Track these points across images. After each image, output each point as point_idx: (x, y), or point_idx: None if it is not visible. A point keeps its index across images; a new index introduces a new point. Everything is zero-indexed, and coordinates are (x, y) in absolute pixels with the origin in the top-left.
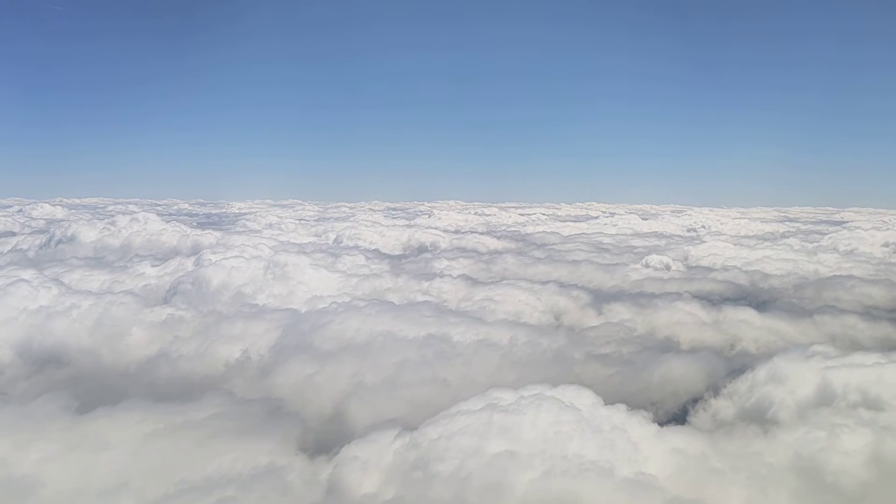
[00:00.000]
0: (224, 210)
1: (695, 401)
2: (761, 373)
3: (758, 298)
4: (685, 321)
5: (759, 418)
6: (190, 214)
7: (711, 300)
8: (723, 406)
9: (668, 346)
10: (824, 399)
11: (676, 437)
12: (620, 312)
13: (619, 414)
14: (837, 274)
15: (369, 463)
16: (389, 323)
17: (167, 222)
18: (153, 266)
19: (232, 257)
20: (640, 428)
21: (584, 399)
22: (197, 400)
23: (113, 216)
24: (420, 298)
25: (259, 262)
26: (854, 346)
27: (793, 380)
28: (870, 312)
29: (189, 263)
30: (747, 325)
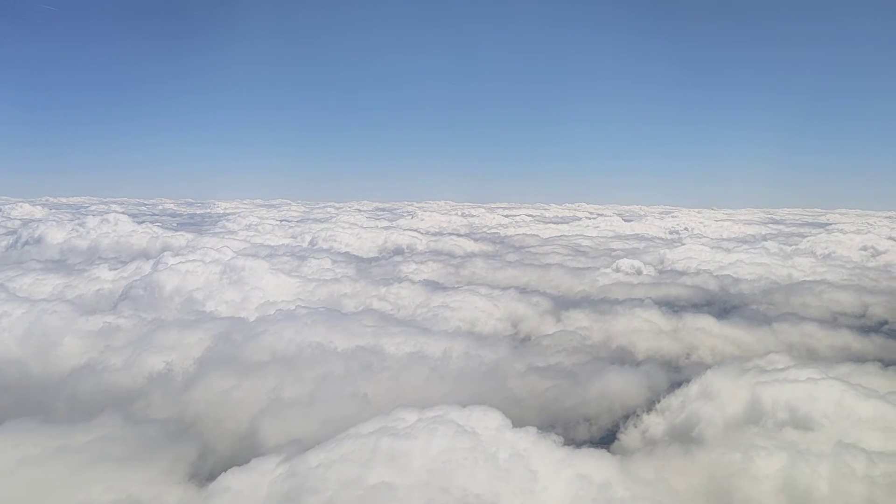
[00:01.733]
0: (209, 210)
1: (627, 417)
2: (694, 388)
3: (724, 304)
4: (643, 329)
5: (686, 437)
6: (173, 215)
7: (674, 306)
8: (654, 423)
9: (622, 356)
10: (752, 417)
11: (586, 461)
12: (578, 320)
13: (525, 438)
14: (808, 279)
15: (242, 495)
16: (324, 333)
17: (140, 223)
18: (111, 270)
19: (188, 262)
20: (546, 453)
21: (490, 421)
22: (91, 419)
23: (85, 217)
24: (376, 305)
25: (216, 267)
26: (811, 355)
27: (723, 396)
28: (836, 319)
29: (147, 267)
30: (705, 334)
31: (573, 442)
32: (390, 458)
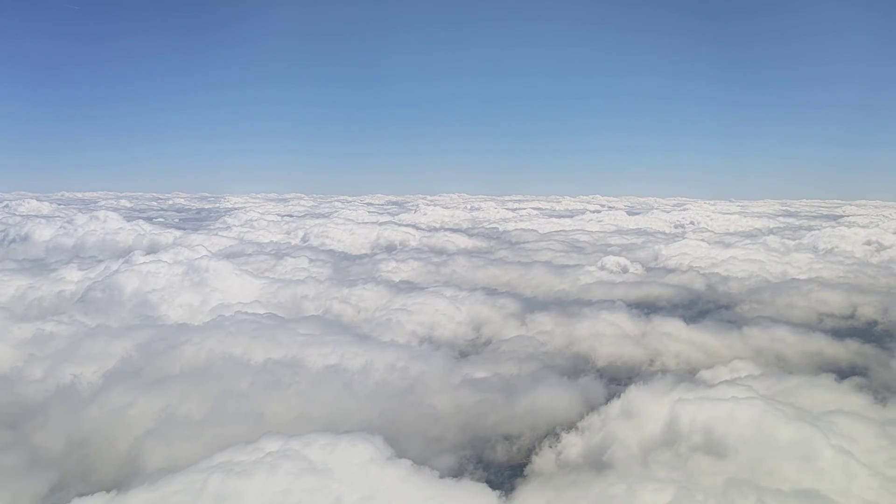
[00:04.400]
0: (218, 205)
1: (545, 436)
2: (615, 405)
3: (704, 305)
4: (606, 334)
5: (597, 461)
6: (181, 210)
7: (651, 308)
8: (572, 443)
9: (578, 363)
10: (668, 439)
11: (465, 497)
12: (543, 323)
13: (392, 473)
14: (801, 277)
15: None
16: (246, 344)
17: (130, 221)
18: (80, 270)
19: (152, 263)
20: (412, 491)
21: (357, 454)
22: None
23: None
24: (336, 307)
25: (179, 268)
26: (779, 361)
27: (643, 415)
28: (821, 321)
29: (116, 267)
30: (671, 339)
31: (483, 464)
32: (216, 502)
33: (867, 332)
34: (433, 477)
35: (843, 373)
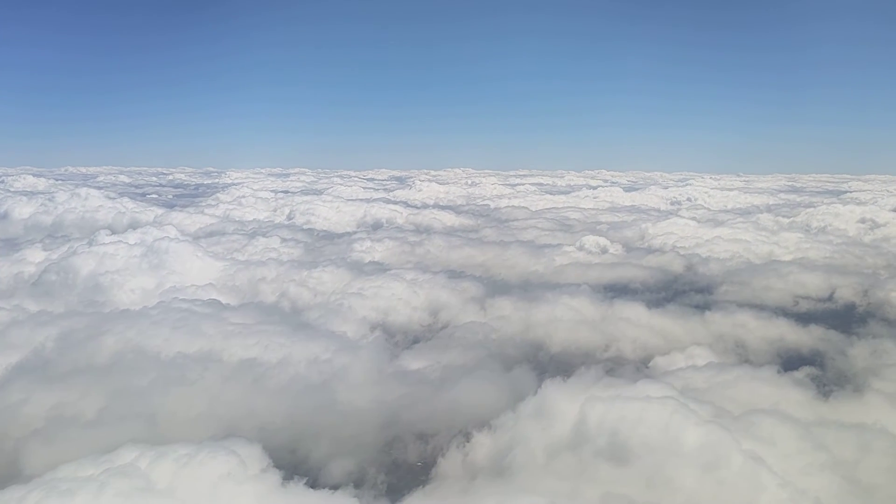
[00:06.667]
0: (218, 181)
1: (458, 435)
2: (530, 403)
3: (676, 288)
4: (565, 318)
5: (500, 465)
6: (178, 186)
7: (618, 291)
8: (480, 444)
9: (528, 351)
10: (574, 442)
11: None
12: (502, 308)
13: (248, 491)
14: (784, 258)
15: None
16: (167, 334)
17: (112, 199)
18: (45, 250)
19: (112, 244)
20: None
21: (217, 468)
22: None
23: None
24: (293, 290)
25: (139, 250)
26: (738, 347)
27: (554, 414)
28: (797, 303)
29: (79, 247)
30: (630, 324)
31: (390, 467)
32: None
33: (841, 315)
34: (301, 491)
35: (803, 360)
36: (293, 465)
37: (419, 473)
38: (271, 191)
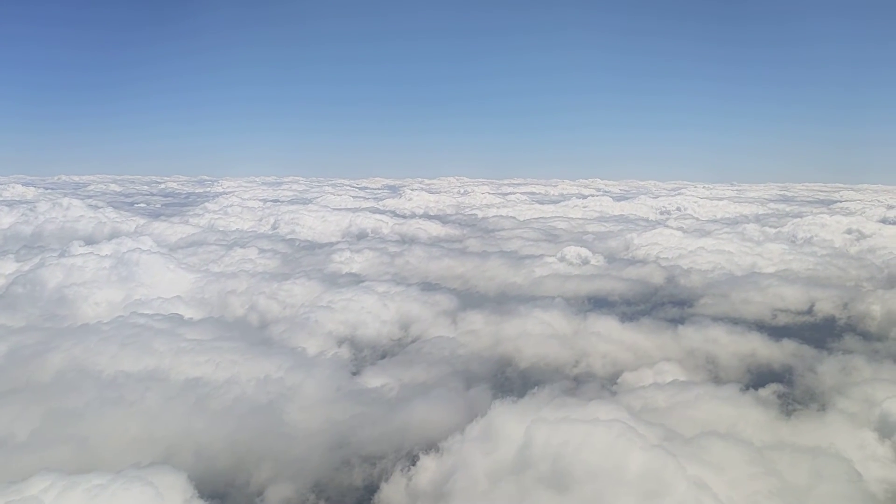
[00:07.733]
0: (209, 189)
1: (409, 457)
2: (477, 425)
3: (652, 301)
4: (535, 333)
5: (440, 491)
6: (168, 195)
7: (595, 304)
8: (426, 468)
9: (494, 367)
10: (517, 467)
11: None
12: (474, 322)
13: None
14: (766, 270)
15: None
16: (113, 352)
17: (96, 209)
18: (17, 262)
19: (81, 255)
20: None
21: (131, 500)
22: None
23: (78, 198)
24: (262, 303)
25: (109, 262)
26: (708, 363)
27: (500, 437)
28: (775, 317)
29: (49, 259)
30: (601, 339)
31: (332, 493)
32: None
33: (819, 329)
34: None
35: (773, 376)
36: (229, 491)
37: (362, 499)
38: (260, 200)
